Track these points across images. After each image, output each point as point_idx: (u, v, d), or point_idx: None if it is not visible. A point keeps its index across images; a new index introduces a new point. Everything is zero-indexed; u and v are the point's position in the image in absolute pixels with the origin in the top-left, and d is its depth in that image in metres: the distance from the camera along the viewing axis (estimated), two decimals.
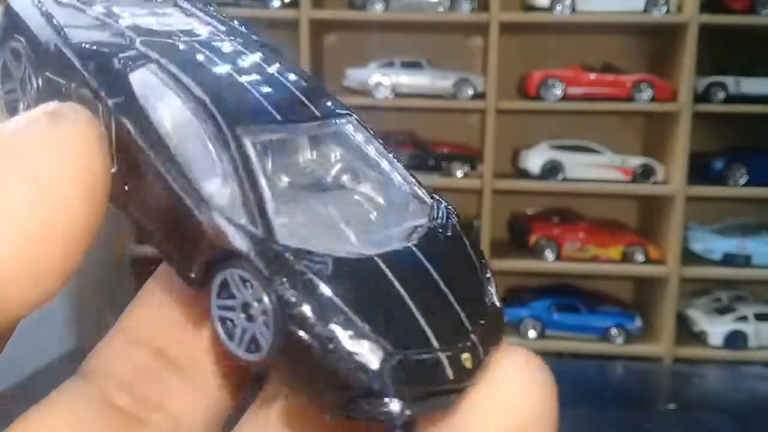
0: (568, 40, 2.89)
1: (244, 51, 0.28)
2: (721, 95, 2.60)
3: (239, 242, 0.22)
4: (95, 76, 0.24)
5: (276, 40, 0.28)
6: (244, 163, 0.23)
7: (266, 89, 0.25)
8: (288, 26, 2.70)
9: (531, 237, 2.71)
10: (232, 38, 0.28)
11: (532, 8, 2.63)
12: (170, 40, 0.26)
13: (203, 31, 0.28)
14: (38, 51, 0.25)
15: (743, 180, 2.61)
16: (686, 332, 2.67)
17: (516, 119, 2.81)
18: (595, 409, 2.00)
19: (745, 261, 2.64)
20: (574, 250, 2.68)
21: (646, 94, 2.61)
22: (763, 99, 2.57)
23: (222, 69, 0.26)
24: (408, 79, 2.73)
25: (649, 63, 2.85)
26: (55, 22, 0.25)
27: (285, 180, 0.24)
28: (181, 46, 0.26)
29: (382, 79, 2.70)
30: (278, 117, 0.24)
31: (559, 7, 2.57)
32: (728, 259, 2.65)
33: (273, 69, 0.27)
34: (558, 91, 2.63)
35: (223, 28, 0.28)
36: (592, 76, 2.65)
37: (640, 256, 2.65)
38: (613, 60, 2.75)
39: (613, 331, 2.64)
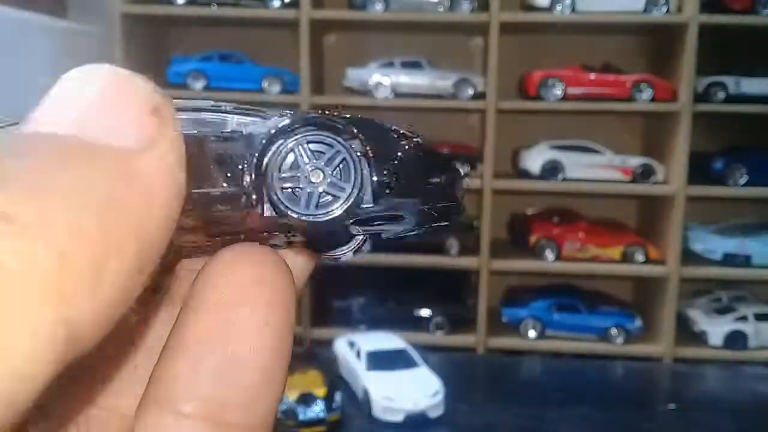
0: (568, 40, 2.89)
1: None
2: (721, 95, 2.60)
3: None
4: None
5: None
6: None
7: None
8: (288, 26, 2.70)
9: (531, 237, 2.71)
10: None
11: (532, 8, 2.63)
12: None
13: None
14: None
15: (743, 180, 2.61)
16: (686, 332, 2.67)
17: (516, 119, 2.81)
18: (595, 409, 2.00)
19: (745, 261, 2.64)
20: (574, 250, 2.69)
21: (646, 94, 2.61)
22: (763, 99, 2.57)
23: None
24: (408, 79, 2.73)
25: (649, 63, 2.85)
26: None
27: None
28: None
29: (382, 79, 2.71)
30: None
31: (559, 7, 2.57)
32: (728, 259, 2.65)
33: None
34: (558, 91, 2.63)
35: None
36: (592, 76, 2.65)
37: (640, 256, 2.65)
38: (613, 60, 2.75)
39: (613, 331, 2.64)
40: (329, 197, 0.27)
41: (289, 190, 0.27)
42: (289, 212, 0.26)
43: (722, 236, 2.70)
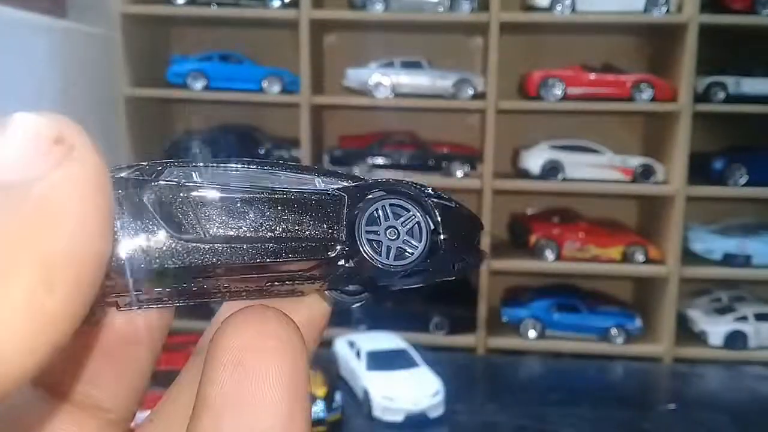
0: (568, 40, 2.89)
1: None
2: (721, 95, 2.60)
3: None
4: None
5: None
6: None
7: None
8: (288, 26, 2.70)
9: (531, 237, 2.71)
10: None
11: (532, 8, 2.63)
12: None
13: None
14: None
15: (743, 180, 2.61)
16: (686, 332, 2.67)
17: (516, 119, 2.82)
18: (595, 409, 2.00)
19: (745, 261, 2.64)
20: (574, 250, 2.69)
21: (646, 94, 2.61)
22: (763, 99, 2.57)
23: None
24: (408, 79, 2.73)
25: (649, 63, 2.85)
26: None
27: None
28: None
29: (382, 79, 2.71)
30: None
31: (559, 7, 2.57)
32: (728, 259, 2.65)
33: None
34: (558, 91, 2.63)
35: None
36: (592, 76, 2.65)
37: (640, 256, 2.65)
38: (613, 60, 2.75)
39: (613, 331, 2.64)
40: (402, 252, 0.32)
41: (372, 241, 0.32)
42: (373, 261, 0.31)
43: (722, 236, 2.70)
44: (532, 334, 2.68)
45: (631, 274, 2.81)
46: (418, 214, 0.32)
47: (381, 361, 1.92)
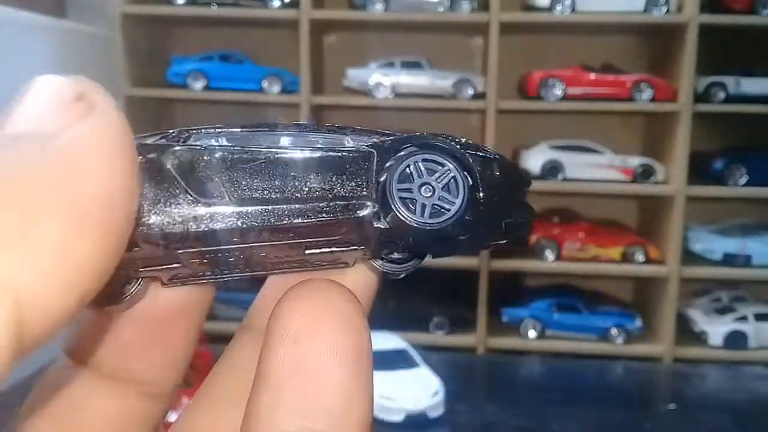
0: (568, 40, 2.89)
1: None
2: (721, 95, 2.60)
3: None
4: None
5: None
6: None
7: None
8: (288, 26, 2.70)
9: (531, 237, 2.71)
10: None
11: (532, 8, 2.63)
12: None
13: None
14: None
15: (743, 180, 2.61)
16: (686, 332, 2.67)
17: (516, 119, 2.81)
18: (595, 409, 2.00)
19: (745, 261, 2.64)
20: (574, 250, 2.68)
21: (646, 94, 2.61)
22: (763, 99, 2.57)
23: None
24: (408, 79, 2.73)
25: (649, 63, 2.85)
26: None
27: None
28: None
29: (382, 79, 2.71)
30: None
31: (559, 7, 2.57)
32: (728, 259, 2.65)
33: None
34: (558, 91, 2.63)
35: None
36: (592, 76, 2.65)
37: (640, 256, 2.65)
38: (613, 60, 2.75)
39: (613, 331, 2.64)
40: (439, 209, 0.30)
41: (406, 200, 0.30)
42: (406, 220, 0.29)
43: (722, 236, 2.70)
44: (532, 334, 2.68)
45: (631, 274, 2.81)
46: (454, 168, 0.30)
47: (381, 361, 1.92)
